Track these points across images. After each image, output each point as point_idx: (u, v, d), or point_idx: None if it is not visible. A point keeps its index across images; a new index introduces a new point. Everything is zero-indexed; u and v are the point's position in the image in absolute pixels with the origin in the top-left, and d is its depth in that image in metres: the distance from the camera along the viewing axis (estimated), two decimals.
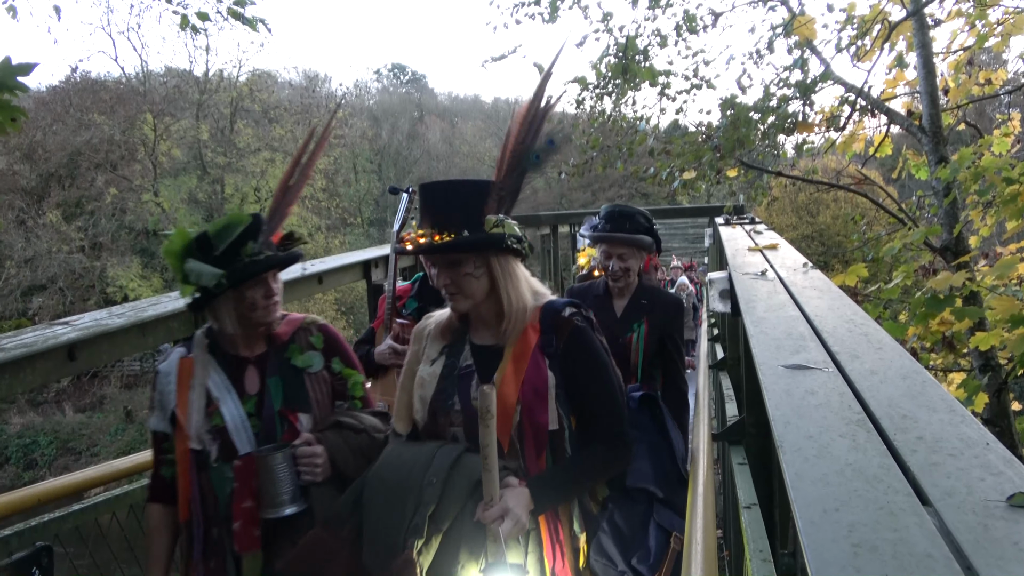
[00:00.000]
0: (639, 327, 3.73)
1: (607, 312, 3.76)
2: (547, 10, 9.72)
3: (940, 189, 7.66)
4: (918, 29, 7.98)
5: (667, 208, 18.05)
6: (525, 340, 2.29)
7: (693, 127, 9.65)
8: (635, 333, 3.71)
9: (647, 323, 3.74)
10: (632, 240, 3.76)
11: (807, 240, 30.52)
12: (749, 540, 2.92)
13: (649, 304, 3.79)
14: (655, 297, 3.86)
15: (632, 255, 3.78)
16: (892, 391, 1.70)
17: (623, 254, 3.76)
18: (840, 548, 1.04)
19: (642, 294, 3.84)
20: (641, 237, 3.77)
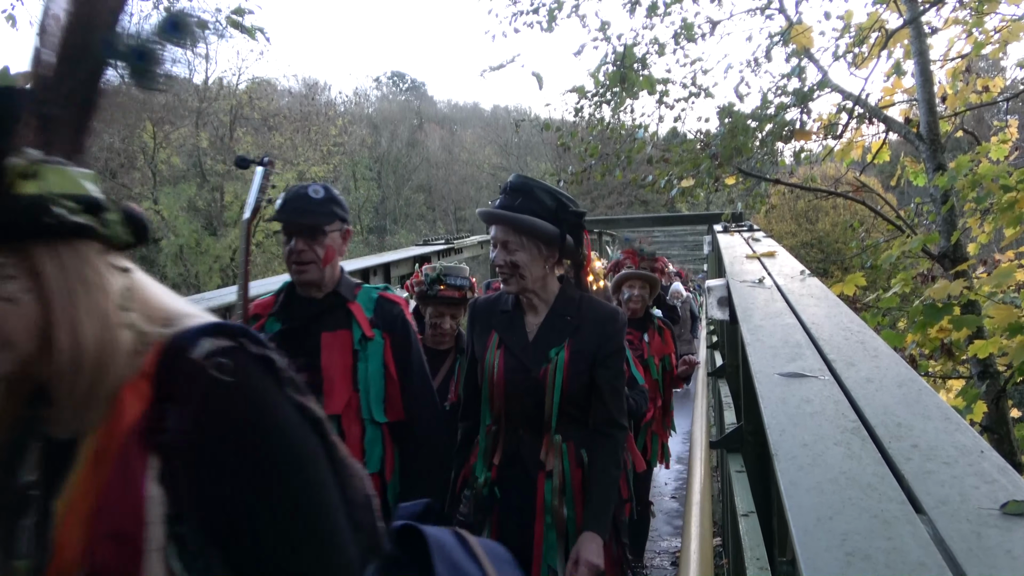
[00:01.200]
0: (557, 354, 2.64)
1: (517, 334, 2.72)
2: (545, 19, 9.75)
3: (938, 196, 7.67)
4: (915, 37, 8.00)
5: (666, 216, 18.08)
6: (115, 420, 1.07)
7: (691, 135, 9.67)
8: (552, 364, 2.62)
9: (568, 348, 2.64)
10: (518, 223, 2.59)
11: (806, 247, 30.51)
12: (747, 548, 2.93)
13: (575, 320, 2.70)
14: (584, 310, 2.73)
15: (521, 246, 2.61)
16: (887, 399, 1.70)
17: (508, 243, 2.61)
18: (834, 556, 1.04)
19: (565, 307, 2.72)
20: (533, 221, 2.58)
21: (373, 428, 2.77)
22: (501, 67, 9.96)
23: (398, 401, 2.82)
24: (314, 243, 2.71)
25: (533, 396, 2.61)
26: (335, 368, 2.72)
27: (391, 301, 2.90)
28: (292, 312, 2.83)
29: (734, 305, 3.49)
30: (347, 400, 2.72)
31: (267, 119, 36.18)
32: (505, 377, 2.63)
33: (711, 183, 9.23)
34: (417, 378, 2.88)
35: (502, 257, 2.63)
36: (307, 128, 35.96)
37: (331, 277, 2.79)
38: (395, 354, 2.82)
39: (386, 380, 2.80)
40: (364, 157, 46.47)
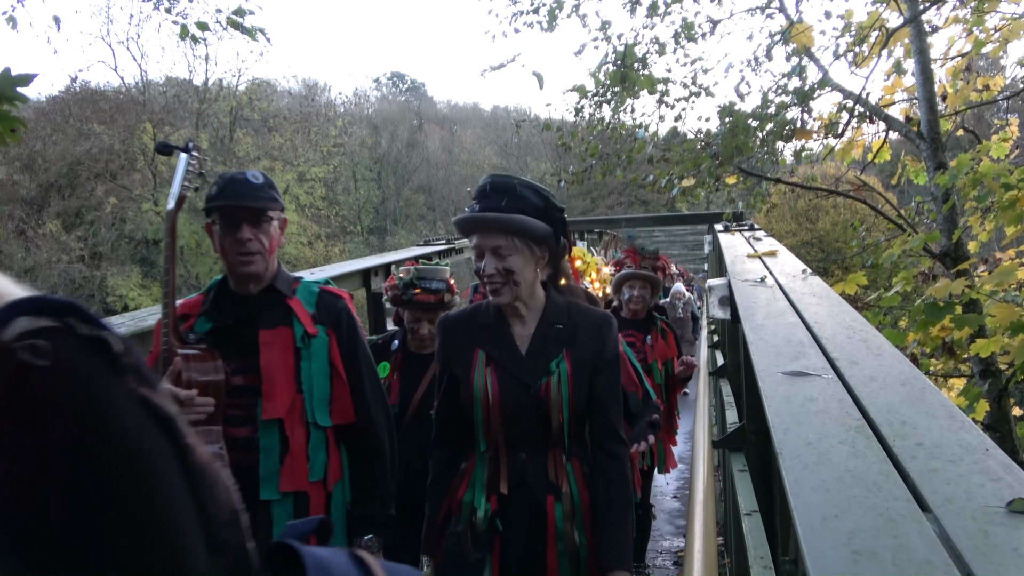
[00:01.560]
0: (558, 366, 2.42)
1: (507, 348, 2.46)
2: (545, 19, 9.74)
3: (939, 195, 7.67)
4: (916, 35, 7.99)
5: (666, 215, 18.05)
6: None
7: (692, 134, 9.66)
8: (554, 376, 2.41)
9: (569, 358, 2.44)
10: (511, 224, 2.34)
11: (806, 246, 30.49)
12: (750, 547, 2.92)
13: (568, 328, 2.48)
14: (575, 316, 2.52)
15: (515, 249, 2.37)
16: (891, 397, 1.70)
17: (499, 247, 2.36)
18: (840, 555, 1.04)
19: (554, 314, 2.50)
20: (526, 220, 2.36)
21: (318, 433, 2.60)
22: (501, 67, 9.96)
23: (345, 403, 2.66)
24: (259, 231, 2.53)
25: (536, 414, 2.39)
26: (276, 368, 2.53)
27: (334, 295, 2.73)
28: (225, 310, 2.62)
29: (736, 304, 3.49)
30: (290, 402, 2.54)
31: (267, 120, 36.23)
32: (502, 397, 2.38)
33: (712, 182, 9.22)
34: (366, 377, 2.72)
35: (493, 265, 2.35)
36: (307, 129, 35.99)
37: (269, 271, 2.62)
38: (341, 352, 2.65)
39: (332, 380, 2.64)
40: (364, 158, 46.48)
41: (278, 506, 2.53)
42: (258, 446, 2.52)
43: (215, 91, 36.06)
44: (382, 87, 62.57)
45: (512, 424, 2.40)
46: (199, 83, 36.52)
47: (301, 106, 38.94)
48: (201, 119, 35.29)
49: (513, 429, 2.41)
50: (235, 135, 35.70)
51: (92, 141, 33.55)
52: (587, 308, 2.57)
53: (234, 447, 2.47)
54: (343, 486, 2.69)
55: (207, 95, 35.79)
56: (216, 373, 2.47)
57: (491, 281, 2.37)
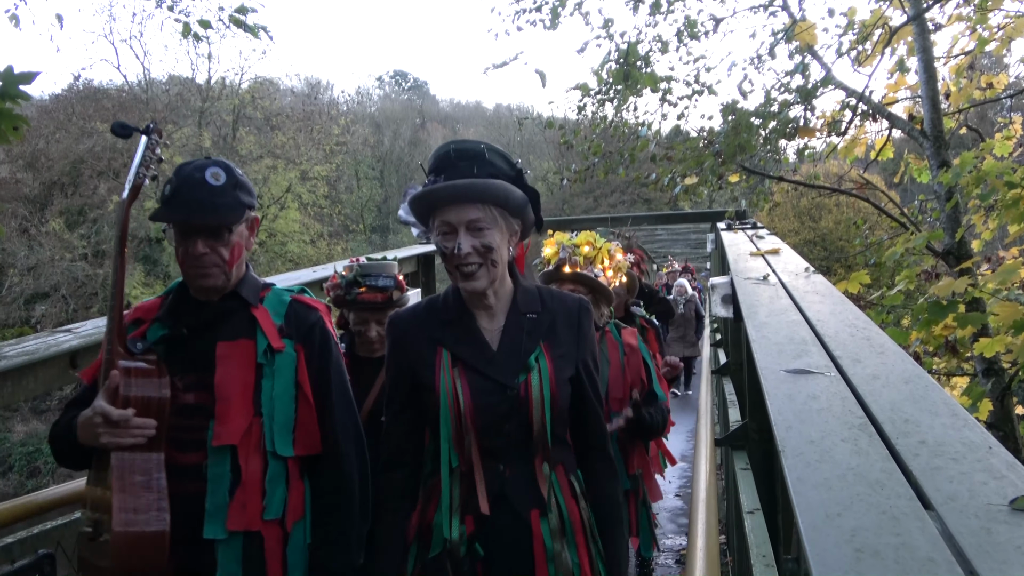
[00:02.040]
0: (538, 362, 2.12)
1: (475, 345, 2.14)
2: (548, 17, 9.74)
3: (942, 193, 7.65)
4: (919, 34, 7.98)
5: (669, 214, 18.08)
6: None
7: (695, 133, 9.65)
8: (534, 373, 2.10)
9: (549, 351, 2.14)
10: (492, 192, 2.04)
11: (809, 245, 30.47)
12: (752, 545, 2.92)
13: (545, 316, 2.19)
14: (549, 303, 2.23)
15: (493, 222, 2.06)
16: (894, 395, 1.70)
17: (476, 221, 2.03)
18: (843, 553, 1.04)
19: (526, 301, 2.20)
20: (508, 188, 2.07)
21: (277, 463, 2.24)
22: (504, 65, 9.94)
23: (311, 430, 2.30)
24: (218, 243, 2.19)
25: (516, 419, 2.07)
26: (232, 386, 2.20)
27: (307, 306, 2.40)
28: (181, 317, 2.29)
29: (738, 302, 3.49)
30: (246, 427, 2.19)
31: (270, 118, 36.24)
32: (474, 402, 2.05)
33: (714, 181, 9.21)
34: (338, 402, 2.36)
35: (471, 242, 2.02)
36: (310, 127, 35.99)
37: (233, 279, 2.29)
38: (310, 371, 2.31)
39: (297, 403, 2.28)
40: (367, 156, 46.49)
41: (224, 547, 2.18)
42: (206, 476, 2.18)
43: (218, 89, 36.08)
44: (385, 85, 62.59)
45: (489, 432, 2.07)
46: (202, 81, 36.56)
47: (304, 104, 38.95)
48: (204, 117, 35.31)
49: (490, 438, 2.08)
50: (238, 133, 35.70)
51: (95, 139, 33.59)
52: (560, 293, 2.29)
53: (180, 475, 2.15)
54: (304, 526, 2.32)
55: (210, 93, 35.81)
56: (160, 390, 2.15)
57: (466, 263, 2.03)
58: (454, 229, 2.04)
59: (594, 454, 2.25)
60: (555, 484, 2.14)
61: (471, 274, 2.05)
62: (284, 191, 34.09)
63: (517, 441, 2.09)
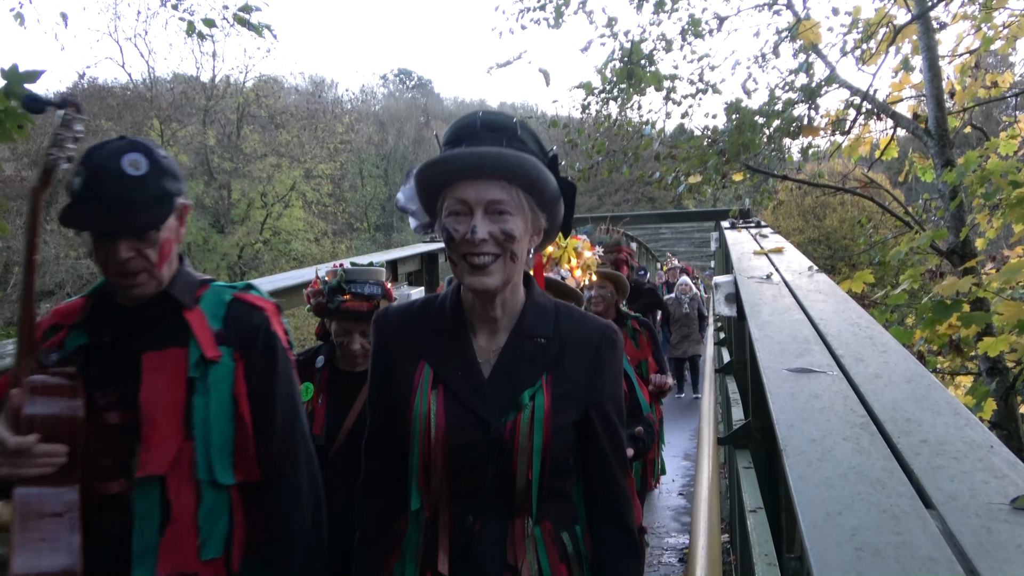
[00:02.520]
0: (532, 400, 1.72)
1: (464, 366, 1.76)
2: (552, 15, 9.75)
3: (946, 192, 7.64)
4: (923, 32, 7.97)
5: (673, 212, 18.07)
6: None
7: (698, 131, 9.66)
8: (524, 413, 1.71)
9: (548, 389, 1.74)
10: (523, 168, 1.66)
11: (814, 244, 30.47)
12: (755, 544, 2.93)
13: (553, 343, 1.78)
14: (565, 326, 1.81)
15: (519, 208, 1.68)
16: (896, 394, 1.70)
17: (499, 203, 1.65)
18: (843, 551, 1.04)
19: (535, 320, 1.80)
20: (540, 167, 1.68)
21: (214, 493, 1.89)
22: (508, 64, 9.95)
23: (247, 454, 1.95)
24: (144, 245, 1.84)
25: (496, 466, 1.71)
26: (160, 405, 1.85)
27: (251, 306, 2.03)
28: (104, 322, 1.94)
29: (742, 301, 3.48)
30: (175, 452, 1.85)
31: (274, 117, 36.26)
32: (449, 438, 1.69)
33: (718, 179, 9.23)
34: (284, 420, 2.00)
35: (487, 227, 1.63)
36: (314, 126, 36.01)
37: (166, 276, 1.94)
38: (251, 383, 1.95)
39: (236, 422, 1.93)
40: (371, 155, 46.55)
41: None
42: (132, 510, 1.85)
43: (222, 88, 36.12)
44: (389, 84, 62.71)
45: (462, 475, 1.72)
46: (206, 80, 36.60)
47: (308, 103, 38.98)
48: (208, 115, 35.35)
49: (461, 481, 1.72)
50: (242, 132, 35.74)
51: (100, 137, 33.56)
52: (582, 315, 1.86)
53: (104, 508, 1.85)
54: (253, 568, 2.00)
55: (214, 92, 35.85)
56: (71, 409, 1.81)
57: (479, 253, 1.64)
58: (470, 209, 1.64)
59: (605, 522, 1.83)
60: (539, 543, 1.74)
61: (483, 267, 1.64)
62: (288, 189, 34.14)
63: (496, 490, 1.72)
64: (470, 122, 1.70)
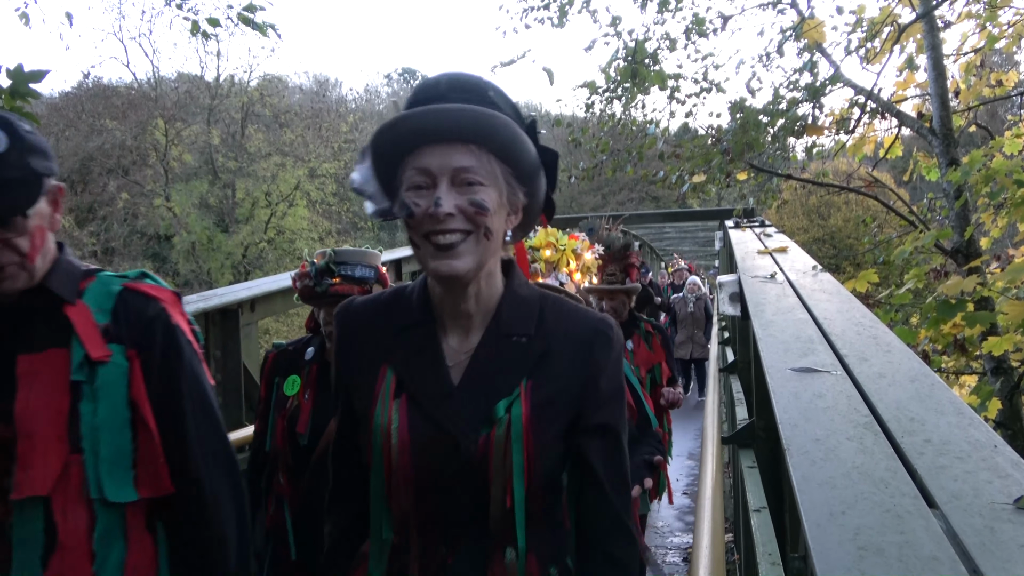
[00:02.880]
0: (509, 411, 1.45)
1: (430, 372, 1.49)
2: (556, 15, 9.75)
3: (951, 191, 7.63)
4: (928, 31, 7.95)
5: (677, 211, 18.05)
6: None
7: (703, 130, 9.65)
8: (499, 427, 1.44)
9: (528, 397, 1.46)
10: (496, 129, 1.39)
11: (818, 243, 30.41)
12: (759, 544, 2.93)
13: (536, 342, 1.50)
14: (552, 321, 1.53)
15: (491, 177, 1.41)
16: (900, 394, 1.70)
17: (467, 170, 1.38)
18: (846, 551, 1.04)
19: (515, 315, 1.52)
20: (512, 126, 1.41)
21: (109, 514, 1.64)
22: (512, 63, 9.95)
23: (156, 464, 1.68)
24: (12, 234, 1.59)
25: (468, 488, 1.44)
26: (39, 415, 1.60)
27: (144, 296, 1.75)
28: None
29: (746, 300, 3.48)
30: (59, 469, 1.60)
31: (278, 116, 36.30)
32: (413, 456, 1.44)
33: (722, 179, 9.22)
34: (196, 422, 1.74)
35: (455, 199, 1.36)
36: (318, 125, 36.03)
37: (41, 269, 1.67)
38: (151, 384, 1.69)
39: (135, 430, 1.67)
40: None
41: None
42: (11, 538, 1.60)
43: (226, 87, 36.16)
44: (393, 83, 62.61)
45: (428, 499, 1.46)
46: (211, 79, 36.64)
47: (312, 102, 39.02)
48: (213, 115, 35.39)
49: (430, 507, 1.47)
50: (246, 131, 35.77)
51: (104, 137, 33.72)
52: (573, 308, 1.56)
53: None
54: None
55: (218, 91, 35.89)
56: None
57: (445, 230, 1.36)
58: (433, 180, 1.37)
59: (596, 562, 1.52)
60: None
61: (451, 247, 1.36)
62: (293, 188, 34.16)
63: (470, 517, 1.46)
64: (434, 82, 1.45)
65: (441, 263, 1.37)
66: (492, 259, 1.46)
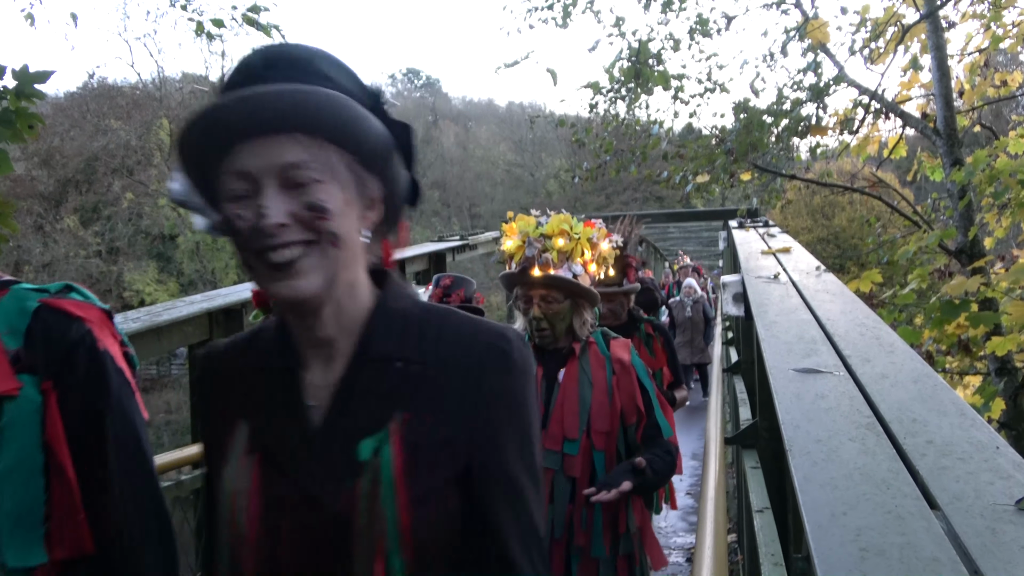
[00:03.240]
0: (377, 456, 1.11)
1: (285, 419, 1.18)
2: (560, 15, 9.75)
3: (955, 192, 7.62)
4: (932, 31, 7.95)
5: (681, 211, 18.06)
6: None
7: (706, 131, 9.65)
8: (365, 479, 1.10)
9: (402, 431, 1.12)
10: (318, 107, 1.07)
11: (822, 243, 30.39)
12: (762, 544, 2.93)
13: (417, 364, 1.17)
14: (434, 336, 1.19)
15: (328, 170, 1.09)
16: (902, 395, 1.70)
17: (296, 166, 1.07)
18: (848, 552, 1.05)
19: (389, 331, 1.19)
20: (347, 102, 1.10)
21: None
22: (516, 64, 9.95)
23: (76, 519, 1.35)
24: None
25: (338, 558, 1.11)
26: None
27: (66, 315, 1.41)
28: None
29: (749, 301, 3.48)
30: None
31: None
32: (267, 524, 1.14)
33: (726, 179, 9.22)
34: (122, 470, 1.39)
35: (285, 205, 1.07)
36: None
37: None
38: (72, 423, 1.35)
39: (49, 478, 1.34)
40: None
41: None
42: None
43: None
44: (397, 83, 62.70)
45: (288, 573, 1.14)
46: (215, 79, 36.71)
47: None
48: None
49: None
50: None
51: (109, 137, 33.81)
52: (464, 323, 1.22)
53: None
54: None
55: None
56: None
57: (279, 245, 1.07)
58: (255, 185, 1.07)
59: None
60: None
61: (289, 264, 1.07)
62: None
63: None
64: (247, 61, 1.13)
65: (281, 285, 1.08)
66: (350, 269, 1.14)
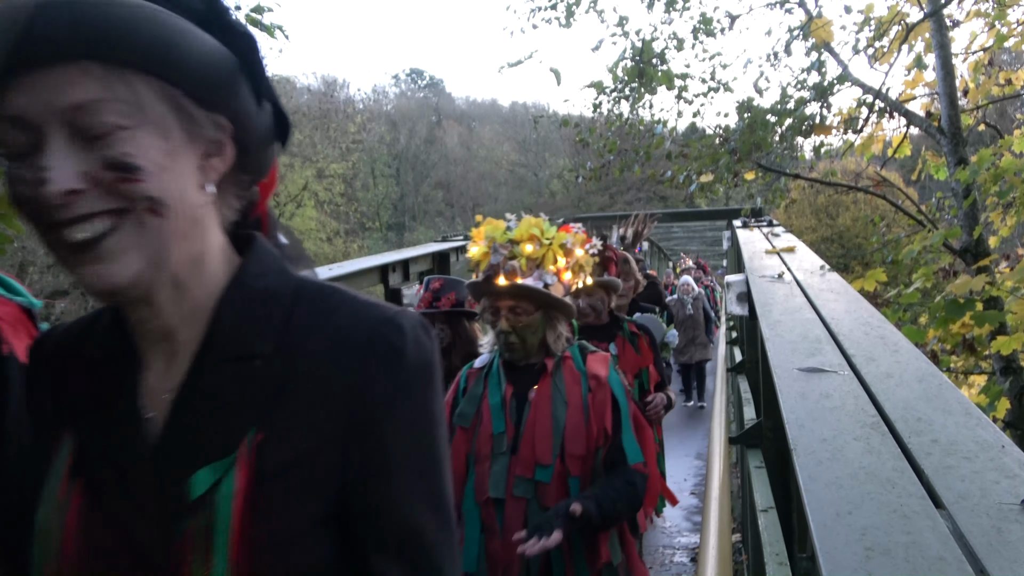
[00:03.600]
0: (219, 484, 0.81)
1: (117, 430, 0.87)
2: (563, 15, 9.76)
3: (959, 191, 7.61)
4: (936, 30, 7.93)
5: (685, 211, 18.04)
6: None
7: (710, 130, 9.65)
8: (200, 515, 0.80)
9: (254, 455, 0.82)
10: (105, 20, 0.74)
11: (826, 242, 30.35)
12: (766, 544, 2.92)
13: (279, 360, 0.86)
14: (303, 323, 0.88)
15: (133, 108, 0.76)
16: (907, 394, 1.69)
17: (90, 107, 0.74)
18: (853, 551, 1.04)
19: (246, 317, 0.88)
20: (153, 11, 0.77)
21: None
22: (519, 63, 9.95)
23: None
24: None
25: None
26: None
27: None
28: None
29: (753, 300, 3.48)
30: None
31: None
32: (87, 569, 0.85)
33: (730, 178, 9.22)
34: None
35: (75, 165, 0.75)
36: (326, 125, 36.09)
37: None
38: None
39: None
40: (383, 154, 46.65)
41: None
42: None
43: None
44: (401, 83, 62.75)
45: None
46: None
47: (320, 102, 39.08)
48: None
49: None
50: None
51: None
52: (342, 303, 0.91)
53: None
54: None
55: None
56: None
57: (72, 219, 0.76)
58: (37, 135, 0.77)
59: None
60: None
61: (92, 243, 0.78)
62: (301, 189, 34.23)
63: None
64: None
65: (86, 272, 0.79)
66: (190, 240, 0.84)
